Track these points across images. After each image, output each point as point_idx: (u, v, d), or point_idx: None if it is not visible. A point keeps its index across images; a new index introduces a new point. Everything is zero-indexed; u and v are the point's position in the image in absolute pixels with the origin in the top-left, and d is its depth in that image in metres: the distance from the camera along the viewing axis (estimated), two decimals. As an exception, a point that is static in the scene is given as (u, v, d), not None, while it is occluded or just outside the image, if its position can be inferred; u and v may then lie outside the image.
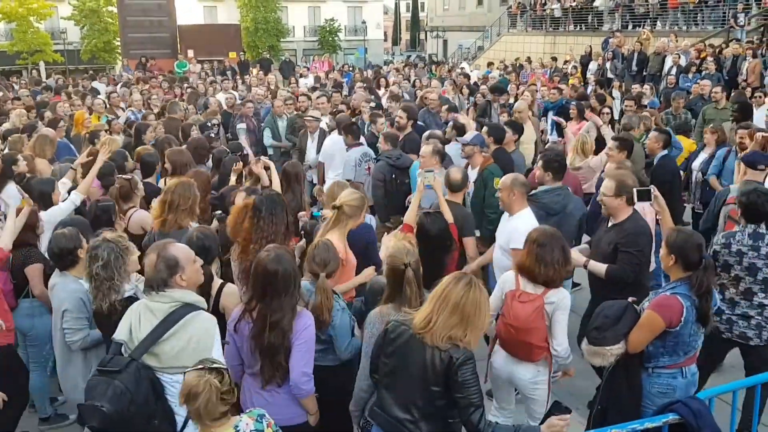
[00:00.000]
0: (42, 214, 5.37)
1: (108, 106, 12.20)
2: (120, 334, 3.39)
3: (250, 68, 23.46)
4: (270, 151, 10.38)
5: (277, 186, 5.77)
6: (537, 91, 12.45)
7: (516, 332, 4.06)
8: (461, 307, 3.14)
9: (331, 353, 3.96)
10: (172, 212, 5.03)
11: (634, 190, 4.87)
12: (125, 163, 7.27)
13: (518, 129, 7.99)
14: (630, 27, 24.83)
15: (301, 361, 3.53)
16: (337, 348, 3.92)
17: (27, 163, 6.84)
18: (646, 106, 10.84)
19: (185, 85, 16.79)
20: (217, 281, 4.25)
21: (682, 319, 3.72)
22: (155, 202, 5.49)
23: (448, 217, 5.05)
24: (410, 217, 5.14)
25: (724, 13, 21.61)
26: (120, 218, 5.69)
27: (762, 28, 18.27)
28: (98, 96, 13.17)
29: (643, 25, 23.91)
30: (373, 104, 10.80)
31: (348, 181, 7.03)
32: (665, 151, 7.44)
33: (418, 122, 9.27)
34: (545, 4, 32.06)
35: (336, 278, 4.28)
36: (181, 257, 3.46)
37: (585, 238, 6.10)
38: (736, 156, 7.31)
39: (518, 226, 4.98)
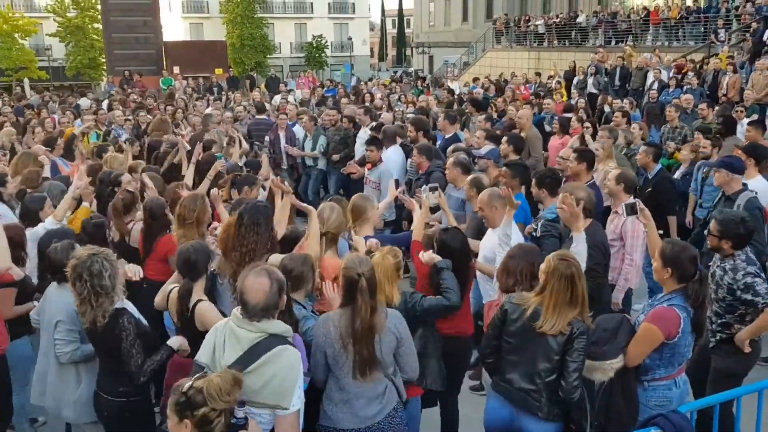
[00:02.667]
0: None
1: (95, 123, 12.15)
2: (202, 356, 3.24)
3: (240, 84, 23.56)
4: (308, 162, 10.97)
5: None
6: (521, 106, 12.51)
7: None
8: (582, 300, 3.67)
9: None
10: (181, 227, 5.08)
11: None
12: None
13: (516, 141, 7.91)
14: (613, 43, 25.14)
15: None
16: None
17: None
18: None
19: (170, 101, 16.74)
20: (195, 297, 4.15)
21: (680, 330, 3.73)
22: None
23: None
24: (418, 233, 5.00)
25: (705, 28, 21.94)
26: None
27: (742, 43, 18.54)
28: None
29: (626, 41, 24.19)
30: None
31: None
32: (659, 166, 7.44)
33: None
34: (529, 20, 32.42)
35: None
36: (283, 281, 3.28)
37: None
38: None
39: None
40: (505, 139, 7.83)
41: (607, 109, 13.22)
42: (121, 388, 3.96)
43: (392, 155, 8.53)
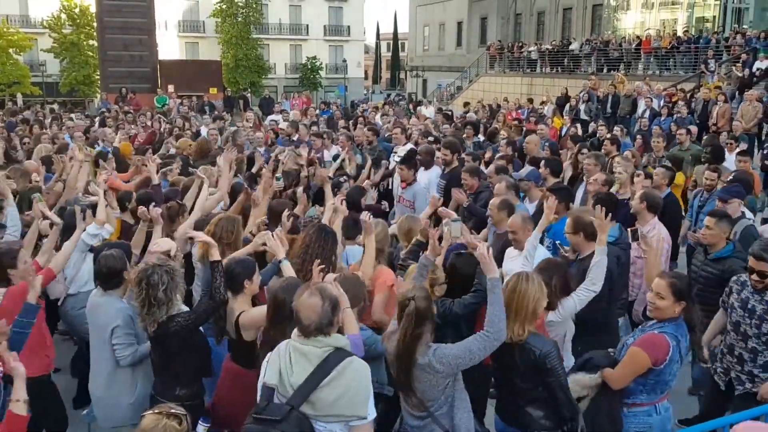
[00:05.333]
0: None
1: (86, 139, 12.12)
2: (271, 378, 3.25)
3: (235, 105, 23.69)
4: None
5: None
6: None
7: None
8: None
9: None
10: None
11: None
12: None
13: (553, 164, 7.97)
14: (605, 70, 25.41)
15: None
16: None
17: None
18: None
19: (163, 120, 16.76)
20: (238, 310, 4.24)
21: (667, 358, 3.72)
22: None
23: None
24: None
25: (696, 58, 22.23)
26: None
27: (731, 73, 18.78)
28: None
29: (618, 69, 24.47)
30: (431, 138, 10.99)
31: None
32: (668, 189, 7.54)
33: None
34: (522, 46, 32.75)
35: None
36: (337, 298, 3.34)
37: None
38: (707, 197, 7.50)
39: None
40: (543, 162, 7.96)
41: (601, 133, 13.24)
42: (177, 391, 4.06)
43: (435, 178, 8.58)
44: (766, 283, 4.37)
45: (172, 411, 2.91)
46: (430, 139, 10.91)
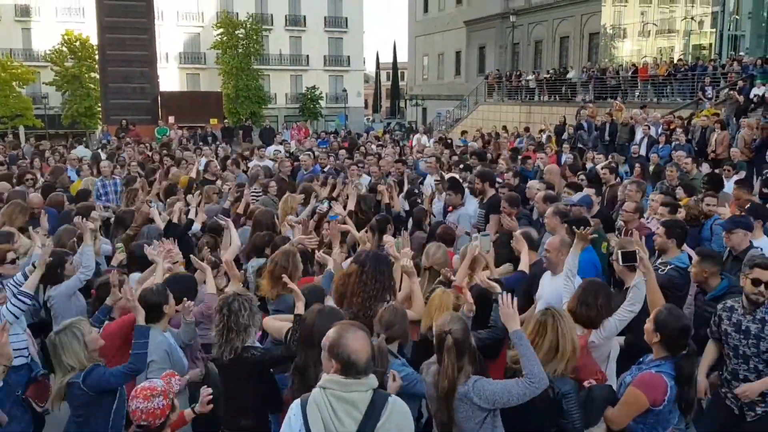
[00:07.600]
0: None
1: (94, 173, 12.09)
2: None
3: (234, 135, 23.80)
4: None
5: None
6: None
7: None
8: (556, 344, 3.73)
9: None
10: (272, 280, 5.20)
11: (619, 252, 4.86)
12: None
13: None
14: (603, 98, 25.55)
15: None
16: None
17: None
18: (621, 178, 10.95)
19: (164, 151, 16.81)
20: None
21: (666, 398, 3.67)
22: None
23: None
24: (461, 277, 5.05)
25: (693, 86, 22.37)
26: None
27: (728, 101, 18.86)
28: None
29: (616, 97, 24.57)
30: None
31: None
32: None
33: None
34: (521, 75, 33.01)
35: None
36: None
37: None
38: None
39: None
40: (593, 191, 8.13)
41: (589, 164, 13.22)
42: (241, 422, 4.19)
43: (474, 207, 8.66)
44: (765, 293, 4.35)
45: None
46: (460, 167, 11.25)
